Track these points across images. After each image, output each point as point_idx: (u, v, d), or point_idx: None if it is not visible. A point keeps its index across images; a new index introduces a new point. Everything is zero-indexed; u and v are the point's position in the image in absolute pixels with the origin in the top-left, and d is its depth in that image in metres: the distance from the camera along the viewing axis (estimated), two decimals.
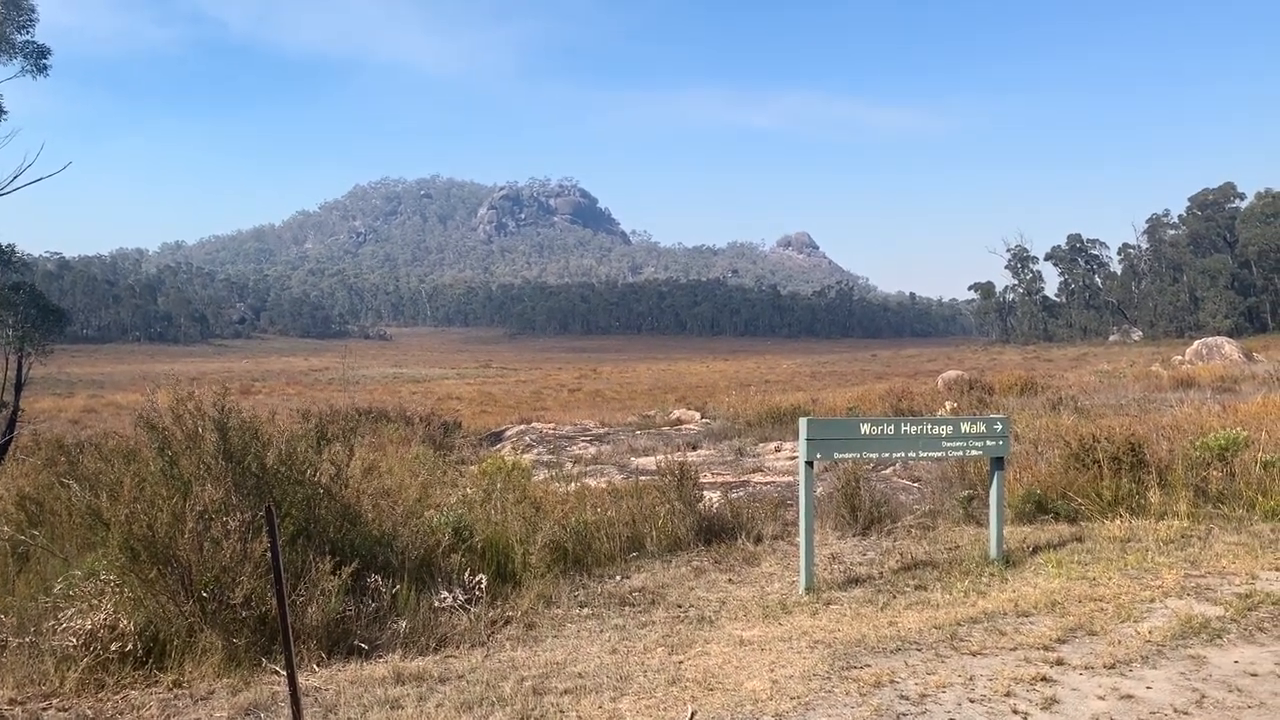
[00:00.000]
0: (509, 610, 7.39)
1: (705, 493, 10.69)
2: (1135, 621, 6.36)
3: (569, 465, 17.26)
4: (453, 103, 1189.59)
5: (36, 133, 25.03)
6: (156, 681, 5.88)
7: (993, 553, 8.47)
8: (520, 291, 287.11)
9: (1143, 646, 5.85)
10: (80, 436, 20.31)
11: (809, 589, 7.75)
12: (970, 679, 5.38)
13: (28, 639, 6.11)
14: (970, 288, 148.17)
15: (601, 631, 6.86)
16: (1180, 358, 41.21)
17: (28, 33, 22.82)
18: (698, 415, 28.22)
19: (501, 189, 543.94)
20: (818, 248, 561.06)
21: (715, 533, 9.75)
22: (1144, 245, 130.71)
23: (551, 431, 25.87)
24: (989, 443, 8.52)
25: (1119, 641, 5.94)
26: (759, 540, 9.77)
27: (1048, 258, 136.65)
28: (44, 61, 23.23)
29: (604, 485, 12.58)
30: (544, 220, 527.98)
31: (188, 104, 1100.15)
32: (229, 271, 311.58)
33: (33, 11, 22.83)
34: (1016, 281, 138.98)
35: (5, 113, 22.85)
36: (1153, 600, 6.87)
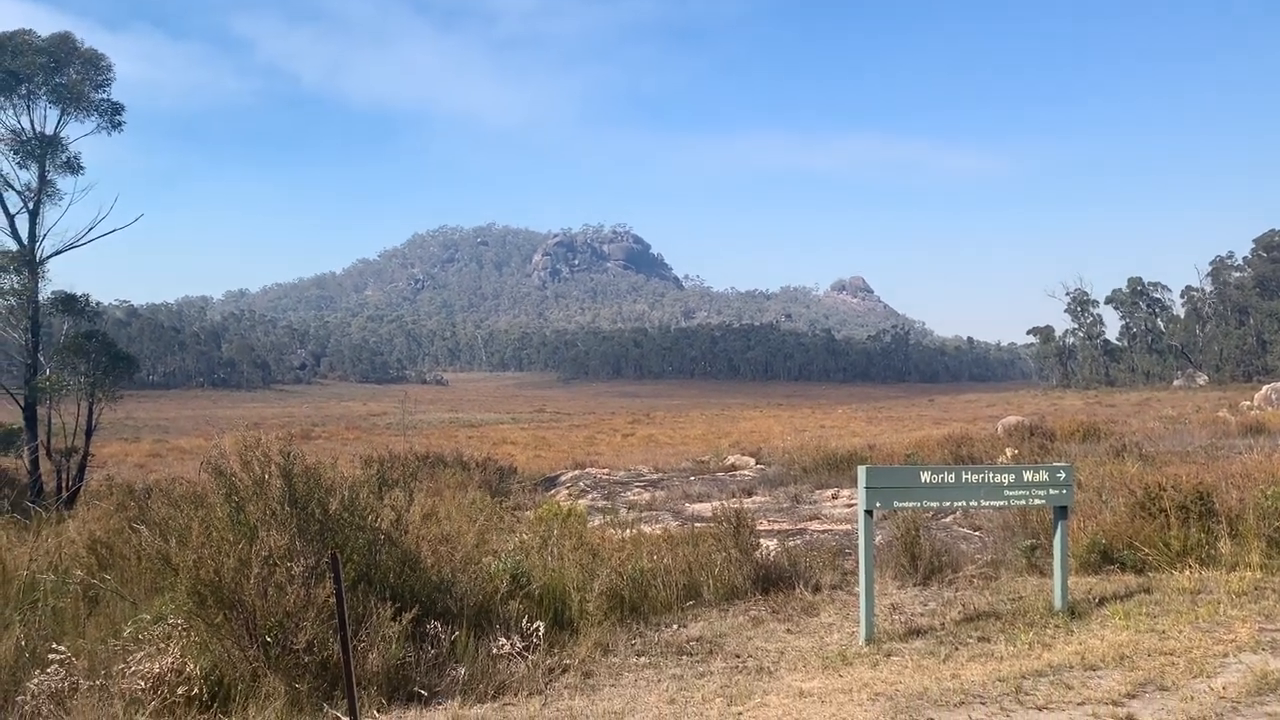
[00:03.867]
0: (566, 658, 7.39)
1: (762, 540, 10.61)
2: (1208, 677, 6.18)
3: (624, 511, 17.25)
4: (514, 151, 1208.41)
5: (111, 185, 26.02)
6: None
7: (1057, 604, 8.30)
8: (574, 337, 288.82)
9: (1217, 703, 5.68)
10: (146, 481, 20.76)
11: (869, 640, 7.65)
12: None
13: (98, 681, 6.23)
14: (1029, 332, 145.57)
15: (659, 681, 6.82)
16: (1249, 403, 40.23)
17: (104, 91, 23.74)
18: (752, 461, 28.08)
19: (556, 236, 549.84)
20: (872, 291, 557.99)
21: (773, 581, 9.67)
22: (1208, 288, 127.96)
23: (606, 476, 25.90)
24: (1052, 491, 8.38)
25: (1192, 697, 5.77)
26: (817, 590, 9.67)
27: (1108, 301, 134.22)
28: (119, 118, 24.15)
29: (659, 532, 12.55)
30: (597, 266, 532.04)
31: (257, 155, 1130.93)
32: (291, 318, 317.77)
33: (109, 70, 23.76)
34: (1076, 325, 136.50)
35: (82, 168, 23.74)
36: (1226, 654, 6.68)
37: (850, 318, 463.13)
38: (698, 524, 12.79)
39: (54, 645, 6.47)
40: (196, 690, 6.08)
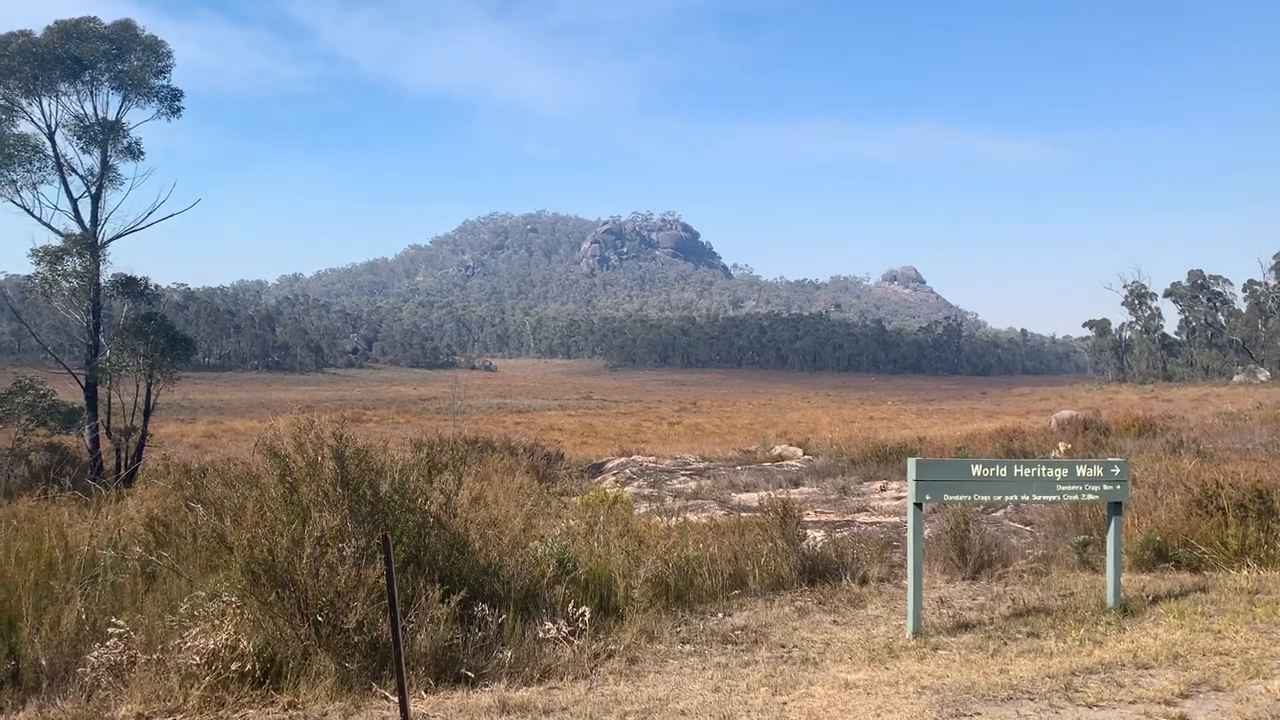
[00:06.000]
0: (611, 644, 7.42)
1: (809, 531, 10.58)
2: (1265, 678, 6.05)
3: (670, 499, 17.28)
4: (565, 138, 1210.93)
5: (171, 170, 26.71)
6: (273, 702, 6.07)
7: (1110, 601, 8.17)
8: (622, 324, 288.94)
9: (1273, 705, 5.57)
10: (202, 461, 21.15)
11: (916, 633, 7.60)
12: None
13: (155, 656, 6.38)
14: (1085, 325, 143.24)
15: (704, 669, 6.84)
16: None
17: (164, 78, 24.17)
18: (800, 452, 27.98)
19: (605, 223, 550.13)
20: (924, 282, 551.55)
21: (819, 573, 9.63)
22: (1271, 282, 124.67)
23: (652, 464, 25.94)
24: (1106, 487, 8.25)
25: (1247, 699, 5.66)
26: (864, 582, 9.62)
27: (1167, 294, 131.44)
28: (178, 104, 24.58)
29: (705, 520, 12.55)
30: (646, 254, 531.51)
31: (313, 141, 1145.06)
32: (343, 303, 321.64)
33: (169, 57, 24.18)
34: (1134, 319, 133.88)
35: (143, 154, 24.21)
36: None
37: (901, 308, 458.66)
38: (744, 513, 12.77)
39: (113, 619, 6.63)
40: (249, 667, 6.20)
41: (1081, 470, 8.26)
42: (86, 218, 23.61)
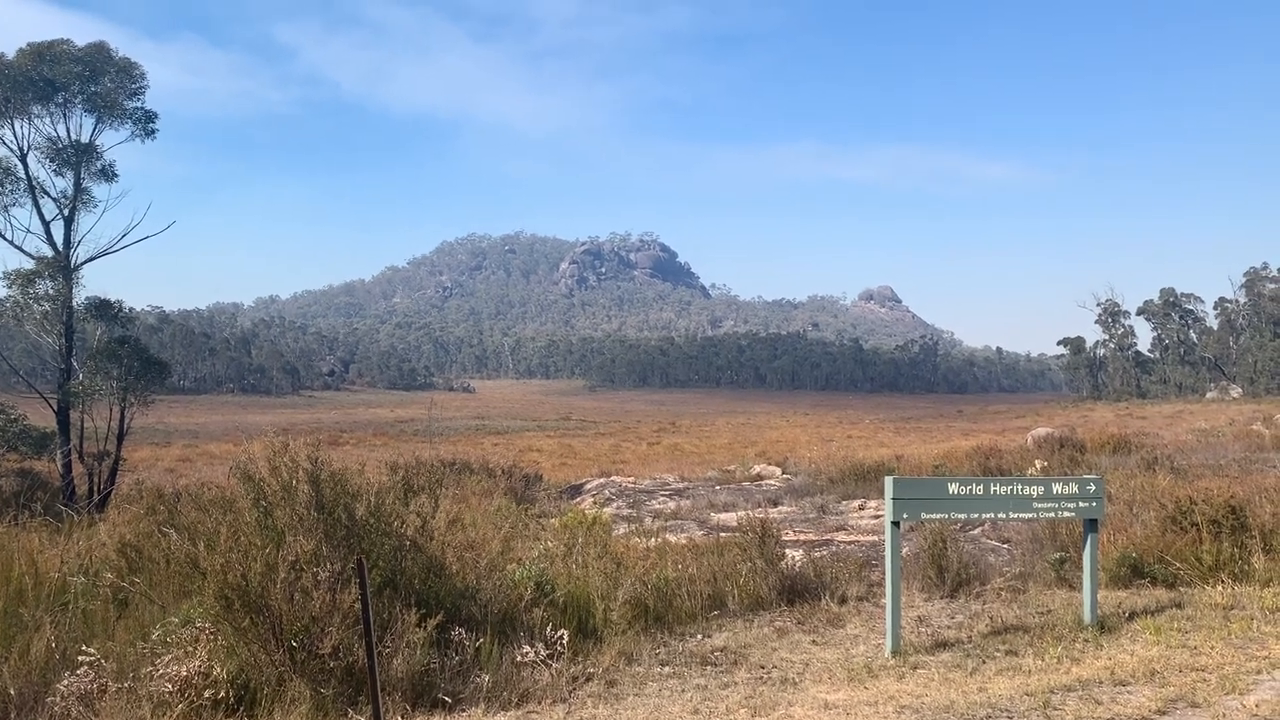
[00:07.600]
0: (590, 667, 7.38)
1: (788, 551, 10.58)
2: (1241, 694, 6.08)
3: (649, 520, 17.23)
4: (545, 159, 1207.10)
5: (148, 192, 26.48)
6: None
7: (1087, 617, 8.20)
8: (600, 345, 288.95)
9: None
10: (176, 485, 20.94)
11: (895, 652, 7.60)
12: None
13: (126, 683, 6.29)
14: (1059, 343, 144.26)
15: (683, 691, 6.80)
16: None
17: (138, 99, 24.05)
18: (778, 471, 28.00)
19: (583, 244, 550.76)
20: (901, 301, 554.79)
21: (798, 592, 9.63)
22: (1242, 299, 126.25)
23: (631, 485, 25.88)
24: (1082, 504, 8.30)
25: (1223, 715, 5.69)
26: (843, 601, 9.62)
27: (1140, 312, 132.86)
28: (152, 126, 24.45)
29: (684, 541, 12.52)
30: (624, 274, 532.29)
31: (293, 163, 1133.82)
32: (320, 325, 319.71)
33: (143, 79, 24.08)
34: (1107, 336, 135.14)
35: (116, 176, 24.06)
36: (1259, 671, 6.57)
37: (878, 327, 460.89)
38: (723, 534, 12.76)
39: (84, 647, 6.54)
40: (223, 693, 6.12)
41: (1058, 488, 8.30)
42: (59, 240, 23.40)
